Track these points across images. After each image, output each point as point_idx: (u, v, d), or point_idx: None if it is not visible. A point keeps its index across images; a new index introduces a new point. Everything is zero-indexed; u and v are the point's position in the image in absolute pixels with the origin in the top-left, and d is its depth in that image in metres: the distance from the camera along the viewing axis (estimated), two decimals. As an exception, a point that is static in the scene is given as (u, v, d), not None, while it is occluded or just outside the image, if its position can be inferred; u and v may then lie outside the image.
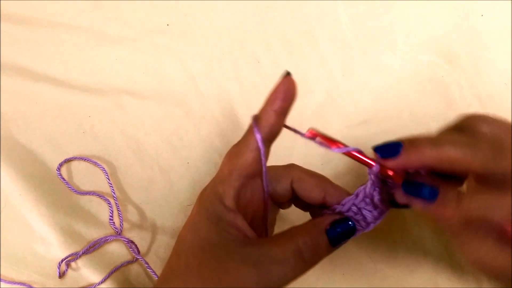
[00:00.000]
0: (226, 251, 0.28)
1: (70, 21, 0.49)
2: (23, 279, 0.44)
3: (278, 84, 0.29)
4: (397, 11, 0.49)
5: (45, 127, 0.47)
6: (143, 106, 0.48)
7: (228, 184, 0.30)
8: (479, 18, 0.49)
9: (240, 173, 0.30)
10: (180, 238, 0.31)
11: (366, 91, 0.48)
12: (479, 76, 0.48)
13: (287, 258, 0.28)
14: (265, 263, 0.28)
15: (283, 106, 0.29)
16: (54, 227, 0.44)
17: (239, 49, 0.49)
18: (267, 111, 0.30)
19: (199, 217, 0.30)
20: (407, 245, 0.45)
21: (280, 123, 0.30)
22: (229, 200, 0.30)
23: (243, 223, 0.30)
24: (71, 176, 0.46)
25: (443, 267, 0.44)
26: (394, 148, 0.27)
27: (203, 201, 0.31)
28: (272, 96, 0.30)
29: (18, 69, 0.48)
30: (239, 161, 0.30)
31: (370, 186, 0.30)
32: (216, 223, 0.29)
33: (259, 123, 0.30)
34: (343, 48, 0.49)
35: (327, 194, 0.31)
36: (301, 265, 0.29)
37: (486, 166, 0.25)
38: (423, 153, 0.26)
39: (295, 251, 0.28)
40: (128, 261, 0.45)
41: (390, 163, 0.28)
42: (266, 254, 0.28)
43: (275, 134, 0.31)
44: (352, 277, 0.44)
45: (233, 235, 0.29)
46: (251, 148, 0.30)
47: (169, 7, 0.50)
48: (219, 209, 0.29)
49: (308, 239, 0.29)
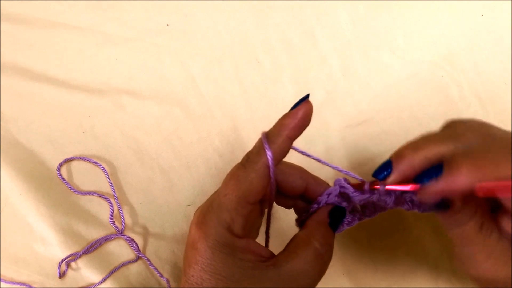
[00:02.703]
0: (253, 281, 0.27)
1: (70, 21, 0.49)
2: (23, 279, 0.44)
3: (297, 108, 0.28)
4: (397, 11, 0.49)
5: (45, 127, 0.47)
6: (143, 106, 0.48)
7: (236, 213, 0.28)
8: (479, 18, 0.49)
9: (248, 201, 0.28)
10: (193, 279, 0.28)
11: (366, 91, 0.48)
12: (479, 76, 0.48)
13: (312, 266, 0.28)
14: (295, 279, 0.28)
15: (297, 134, 0.29)
16: (54, 227, 0.44)
17: (239, 49, 0.49)
18: (281, 136, 0.28)
19: (212, 254, 0.27)
20: (407, 245, 0.45)
21: (289, 148, 0.29)
22: (238, 228, 0.28)
23: (256, 245, 0.29)
24: (71, 176, 0.46)
25: (443, 267, 0.44)
26: (386, 167, 0.28)
27: (210, 232, 0.28)
28: (288, 120, 0.28)
29: (18, 69, 0.48)
30: (248, 189, 0.28)
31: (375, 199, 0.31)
32: (231, 255, 0.28)
33: (272, 146, 0.28)
34: (343, 48, 0.49)
35: (309, 184, 0.32)
36: (323, 266, 0.29)
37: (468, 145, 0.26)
38: (409, 158, 0.27)
39: (316, 255, 0.29)
40: (129, 261, 0.45)
41: (389, 180, 0.28)
42: (293, 270, 0.28)
43: (281, 158, 0.29)
44: (352, 277, 0.44)
45: (251, 262, 0.28)
46: (260, 174, 0.28)
47: (169, 7, 0.50)
48: (229, 240, 0.28)
49: (322, 239, 0.29)
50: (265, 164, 0.27)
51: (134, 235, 0.45)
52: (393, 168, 0.28)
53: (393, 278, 0.44)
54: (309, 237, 0.30)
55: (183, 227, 0.46)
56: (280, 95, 0.48)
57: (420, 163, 0.27)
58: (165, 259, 0.45)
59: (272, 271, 0.28)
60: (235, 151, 0.47)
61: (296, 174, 0.32)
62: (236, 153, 0.47)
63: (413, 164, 0.27)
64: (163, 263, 0.45)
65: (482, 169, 0.24)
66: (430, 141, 0.28)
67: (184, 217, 0.46)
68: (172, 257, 0.45)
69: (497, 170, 0.24)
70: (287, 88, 0.48)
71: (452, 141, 0.27)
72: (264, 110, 0.48)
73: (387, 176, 0.28)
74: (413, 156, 0.27)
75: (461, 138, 0.27)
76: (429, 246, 0.44)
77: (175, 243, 0.45)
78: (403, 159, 0.28)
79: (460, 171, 0.24)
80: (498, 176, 0.23)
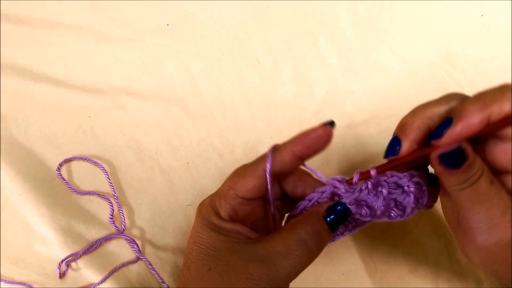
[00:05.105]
0: (231, 252, 0.29)
1: (70, 21, 0.49)
2: (23, 279, 0.44)
3: (314, 128, 0.29)
4: (397, 11, 0.49)
5: (45, 127, 0.47)
6: (143, 106, 0.48)
7: (224, 200, 0.31)
8: (479, 18, 0.49)
9: (237, 194, 0.30)
10: (187, 251, 0.32)
11: (366, 91, 0.48)
12: (479, 76, 0.48)
13: (293, 249, 0.28)
14: (272, 258, 0.28)
15: (305, 152, 0.29)
16: (54, 227, 0.44)
17: (239, 49, 0.49)
18: (287, 149, 0.30)
19: (201, 228, 0.31)
20: (407, 245, 0.45)
21: (294, 165, 0.30)
22: (224, 213, 0.31)
23: (243, 228, 0.30)
24: (71, 176, 0.46)
25: (443, 267, 0.44)
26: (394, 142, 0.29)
27: (202, 212, 0.32)
28: (300, 137, 0.29)
29: (18, 69, 0.48)
30: (240, 183, 0.30)
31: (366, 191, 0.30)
32: (217, 231, 0.30)
33: (274, 156, 0.30)
34: (343, 48, 0.49)
35: (306, 186, 0.32)
36: (306, 254, 0.29)
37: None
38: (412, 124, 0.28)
39: (299, 241, 0.29)
40: (129, 261, 0.45)
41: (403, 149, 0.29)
42: (272, 249, 0.29)
43: (285, 172, 0.31)
44: (352, 277, 0.44)
45: (236, 238, 0.30)
46: (255, 175, 0.30)
47: (169, 7, 0.50)
48: (216, 220, 0.30)
49: (309, 227, 0.29)
50: (263, 169, 0.29)
51: (134, 235, 0.45)
52: (401, 139, 0.28)
53: (393, 278, 0.44)
54: (297, 223, 0.30)
55: (183, 227, 0.46)
56: (280, 95, 0.48)
57: (424, 125, 0.28)
58: (165, 259, 0.45)
59: (254, 246, 0.29)
60: (235, 151, 0.47)
61: (295, 176, 0.32)
62: (236, 153, 0.47)
63: (418, 127, 0.28)
64: (163, 263, 0.45)
65: (489, 107, 0.26)
66: (427, 105, 0.29)
67: (184, 217, 0.46)
68: (172, 257, 0.45)
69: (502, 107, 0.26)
70: (287, 88, 0.48)
71: (450, 99, 0.28)
72: (264, 110, 0.48)
73: (399, 149, 0.28)
74: (414, 120, 0.28)
75: (458, 95, 0.28)
76: (429, 246, 0.44)
77: (175, 243, 0.45)
78: (407, 127, 0.28)
79: (471, 112, 0.26)
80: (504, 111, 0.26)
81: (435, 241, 0.44)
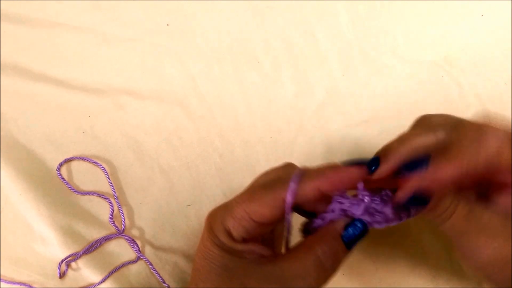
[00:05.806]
0: (244, 273, 0.28)
1: (70, 21, 0.49)
2: (23, 279, 0.44)
3: (347, 168, 0.29)
4: (397, 11, 0.49)
5: (45, 127, 0.47)
6: (143, 106, 0.48)
7: (239, 223, 0.29)
8: (479, 18, 0.49)
9: (254, 220, 0.29)
10: (195, 266, 0.30)
11: (366, 91, 0.48)
12: (479, 76, 0.48)
13: (309, 271, 0.28)
14: (288, 279, 0.28)
15: (331, 190, 0.28)
16: (54, 227, 0.44)
17: (239, 49, 0.49)
18: (312, 184, 0.28)
19: (211, 245, 0.29)
20: (407, 245, 0.45)
21: (316, 199, 0.29)
22: (236, 234, 0.29)
23: (256, 246, 0.29)
24: (71, 176, 0.46)
25: (443, 267, 0.44)
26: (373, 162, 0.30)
27: (214, 230, 0.30)
28: (329, 173, 0.28)
29: (18, 69, 0.48)
30: (257, 210, 0.28)
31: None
32: (229, 251, 0.29)
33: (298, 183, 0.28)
34: (343, 48, 0.49)
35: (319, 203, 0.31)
36: (323, 275, 0.29)
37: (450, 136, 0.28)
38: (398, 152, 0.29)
39: (316, 262, 0.28)
40: (129, 261, 0.45)
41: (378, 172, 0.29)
42: (288, 270, 0.28)
43: (304, 200, 0.29)
44: (352, 277, 0.44)
45: (248, 259, 0.29)
46: (274, 205, 0.28)
47: (169, 7, 0.50)
48: (228, 242, 0.29)
49: (326, 247, 0.29)
50: (283, 199, 0.28)
51: (134, 235, 0.45)
52: (380, 162, 0.29)
53: (393, 278, 0.44)
54: (314, 243, 0.29)
55: (183, 227, 0.46)
56: (280, 95, 0.48)
57: (407, 154, 0.28)
58: (165, 259, 0.45)
59: (267, 267, 0.28)
60: (235, 151, 0.47)
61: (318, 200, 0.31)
62: (236, 153, 0.47)
63: (399, 156, 0.28)
64: (163, 263, 0.45)
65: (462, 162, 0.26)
66: (415, 135, 0.29)
67: (184, 217, 0.46)
68: (172, 257, 0.45)
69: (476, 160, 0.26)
70: (287, 88, 0.48)
71: (437, 131, 0.28)
72: (264, 110, 0.48)
73: (375, 170, 0.29)
74: (398, 148, 0.29)
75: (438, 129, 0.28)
76: (429, 246, 0.44)
77: (175, 243, 0.45)
78: (390, 152, 0.29)
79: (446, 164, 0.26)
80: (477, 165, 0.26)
81: (435, 241, 0.44)
